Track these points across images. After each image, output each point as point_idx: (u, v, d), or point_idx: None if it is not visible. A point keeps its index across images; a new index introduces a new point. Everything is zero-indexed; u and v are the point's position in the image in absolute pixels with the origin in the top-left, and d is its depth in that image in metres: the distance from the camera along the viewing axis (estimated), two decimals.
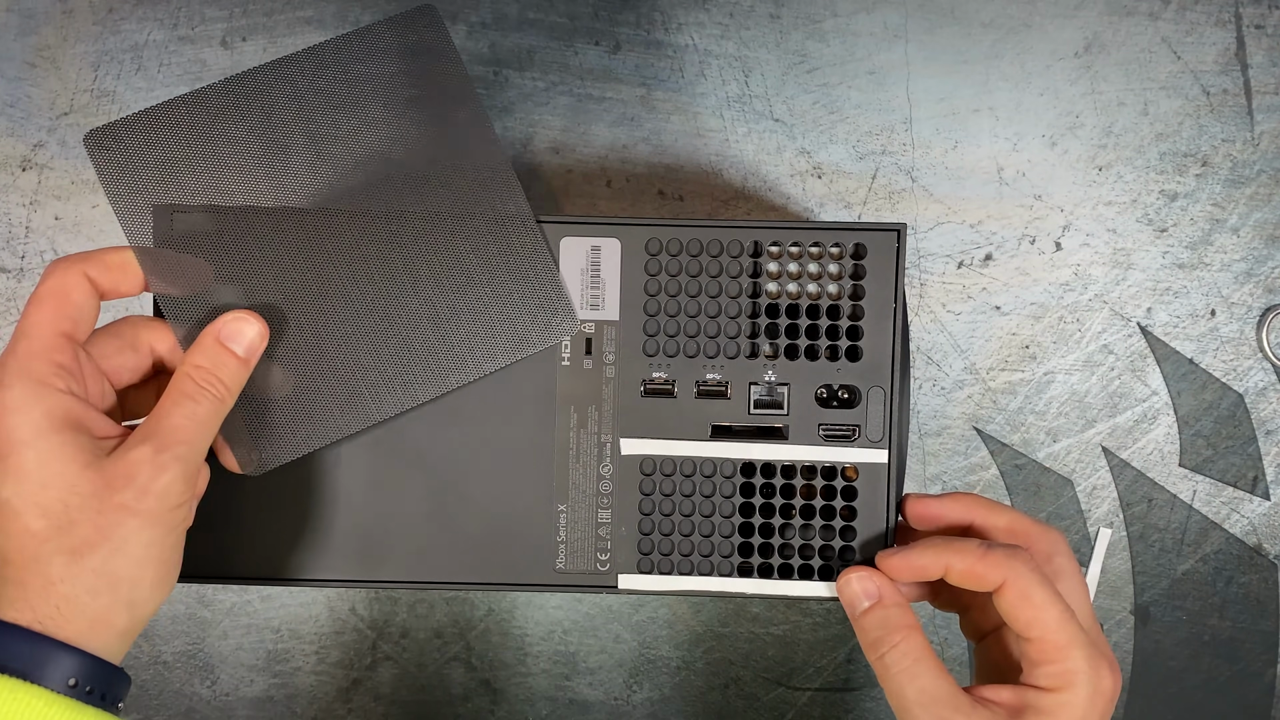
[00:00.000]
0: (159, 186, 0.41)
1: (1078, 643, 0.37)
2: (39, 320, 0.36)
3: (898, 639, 0.38)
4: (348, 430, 0.42)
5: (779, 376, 0.42)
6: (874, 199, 0.51)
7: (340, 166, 0.42)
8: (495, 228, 0.42)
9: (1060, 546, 0.40)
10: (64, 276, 0.37)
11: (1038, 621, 0.37)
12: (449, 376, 0.42)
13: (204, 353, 0.38)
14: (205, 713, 0.53)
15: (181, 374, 0.37)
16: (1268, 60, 0.52)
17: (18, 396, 0.34)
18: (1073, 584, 0.39)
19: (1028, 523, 0.40)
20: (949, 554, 0.38)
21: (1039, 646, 0.37)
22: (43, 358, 0.35)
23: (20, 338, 0.36)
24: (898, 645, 0.38)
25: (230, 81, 0.41)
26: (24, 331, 0.36)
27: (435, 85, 0.42)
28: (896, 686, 0.38)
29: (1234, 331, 0.52)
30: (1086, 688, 0.37)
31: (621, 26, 0.51)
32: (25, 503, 0.34)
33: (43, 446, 0.34)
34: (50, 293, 0.36)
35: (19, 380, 0.35)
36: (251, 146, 0.41)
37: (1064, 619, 0.37)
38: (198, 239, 0.41)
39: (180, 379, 0.37)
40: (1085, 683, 0.37)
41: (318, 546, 0.43)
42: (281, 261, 0.41)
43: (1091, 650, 0.37)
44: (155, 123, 0.41)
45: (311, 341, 0.41)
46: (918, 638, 0.38)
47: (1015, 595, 0.37)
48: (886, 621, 0.39)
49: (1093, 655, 0.37)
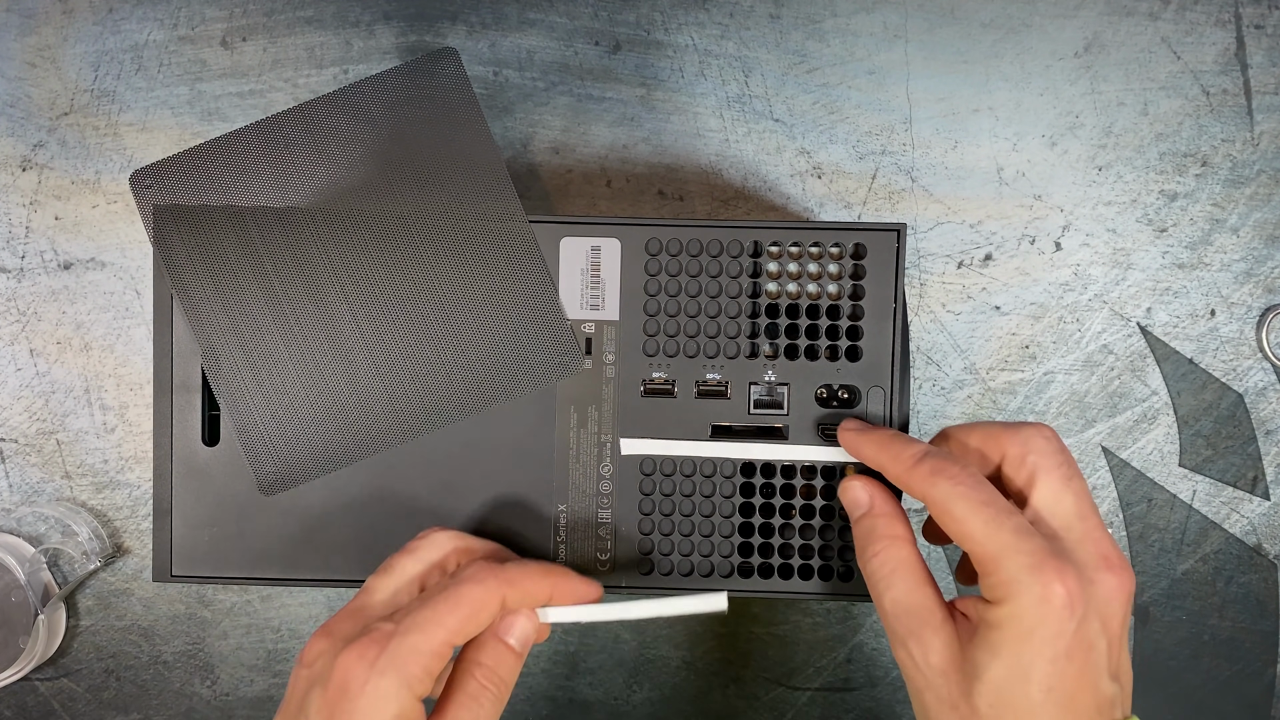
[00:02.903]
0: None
1: (1009, 551, 0.35)
2: (443, 622, 0.36)
3: (879, 548, 0.38)
4: (355, 459, 0.42)
5: (779, 376, 0.42)
6: (874, 199, 0.51)
7: (351, 209, 0.42)
8: (505, 272, 0.42)
9: (1035, 444, 0.37)
10: (487, 594, 0.37)
11: (964, 536, 0.36)
12: (455, 411, 0.42)
13: (487, 651, 0.38)
14: (205, 713, 0.53)
15: (466, 673, 0.37)
16: (1268, 60, 0.52)
17: (386, 689, 0.35)
18: (1050, 482, 0.37)
19: (998, 429, 0.38)
20: (885, 455, 0.38)
21: (976, 559, 0.36)
22: (426, 664, 0.35)
23: (415, 630, 0.35)
24: (879, 554, 0.38)
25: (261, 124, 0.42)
26: (421, 625, 0.36)
27: (455, 139, 0.43)
28: (876, 594, 0.38)
29: (1234, 331, 0.52)
30: (1028, 596, 0.34)
31: (621, 26, 0.51)
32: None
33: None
34: (471, 603, 0.36)
35: (394, 673, 0.35)
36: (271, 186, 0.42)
37: (989, 529, 0.35)
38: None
39: (465, 678, 0.37)
40: (1025, 591, 0.34)
41: (318, 546, 0.43)
42: (297, 296, 0.42)
43: (1033, 557, 0.34)
44: (191, 162, 0.42)
45: (325, 375, 0.42)
46: (901, 548, 0.38)
47: (939, 512, 0.36)
48: (873, 530, 0.39)
49: (1034, 564, 0.34)
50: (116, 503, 0.52)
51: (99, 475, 0.52)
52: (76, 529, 0.51)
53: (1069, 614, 0.34)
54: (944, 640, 0.36)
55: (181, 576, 0.43)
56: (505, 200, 0.42)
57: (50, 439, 0.52)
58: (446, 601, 0.36)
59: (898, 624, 0.37)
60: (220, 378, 0.42)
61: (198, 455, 0.43)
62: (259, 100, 0.51)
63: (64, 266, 0.51)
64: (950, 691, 0.35)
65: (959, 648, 0.36)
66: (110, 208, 0.51)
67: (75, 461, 0.52)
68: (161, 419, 0.43)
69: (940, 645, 0.36)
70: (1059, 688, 0.34)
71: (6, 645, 0.50)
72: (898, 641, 0.37)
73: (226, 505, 0.43)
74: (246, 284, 0.42)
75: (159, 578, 0.43)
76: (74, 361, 0.51)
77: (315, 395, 0.42)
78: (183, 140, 0.51)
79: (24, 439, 0.52)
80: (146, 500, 0.52)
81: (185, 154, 0.42)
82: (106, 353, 0.51)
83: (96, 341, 0.51)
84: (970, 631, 0.36)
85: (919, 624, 0.36)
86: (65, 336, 0.51)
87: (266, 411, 0.42)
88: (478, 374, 0.42)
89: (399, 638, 0.35)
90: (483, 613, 0.37)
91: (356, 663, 0.35)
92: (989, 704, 0.35)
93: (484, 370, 0.42)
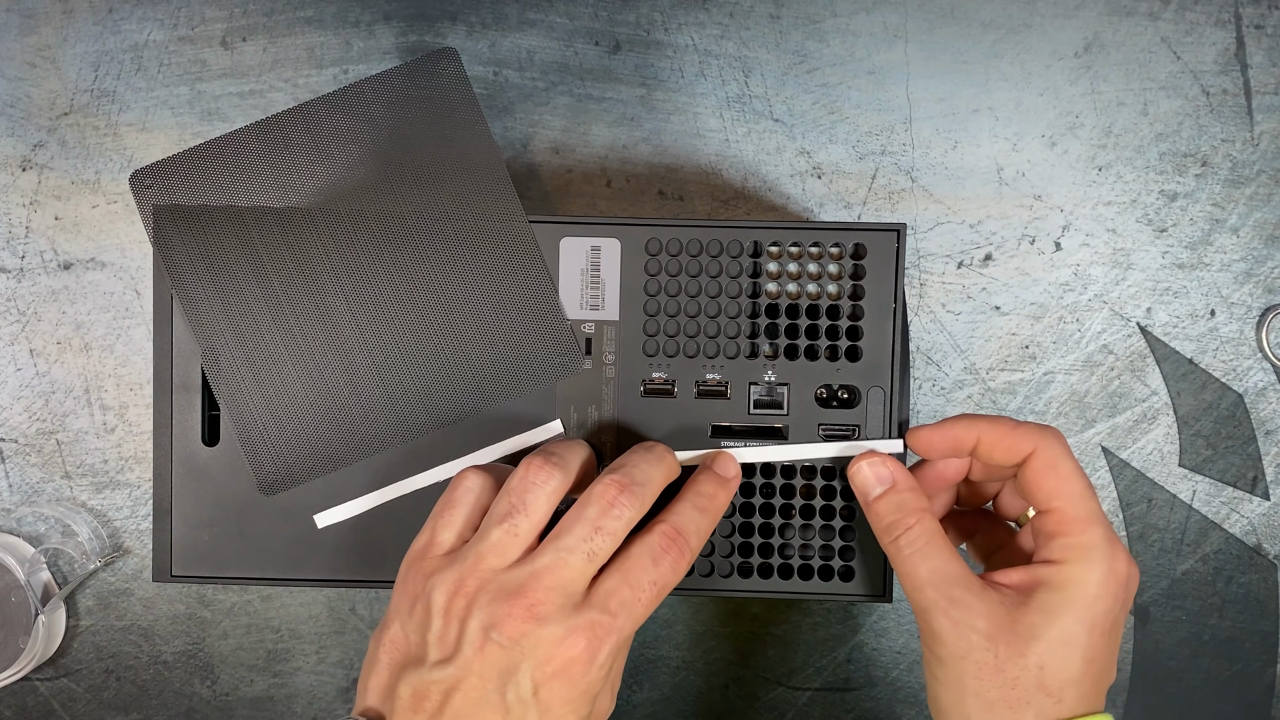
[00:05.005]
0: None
1: (1099, 520, 0.37)
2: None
3: (912, 521, 0.38)
4: (355, 459, 0.42)
5: (779, 376, 0.42)
6: (874, 199, 0.51)
7: (352, 208, 0.42)
8: (505, 272, 0.42)
9: (1057, 448, 0.39)
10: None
11: (1061, 491, 0.37)
12: (455, 411, 0.42)
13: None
14: (205, 713, 0.53)
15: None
16: (1268, 60, 0.52)
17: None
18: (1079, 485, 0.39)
19: (1021, 427, 0.40)
20: (981, 424, 0.39)
21: (1058, 518, 0.37)
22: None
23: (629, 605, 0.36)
24: (912, 528, 0.38)
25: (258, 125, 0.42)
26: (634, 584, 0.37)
27: (455, 139, 0.43)
28: (910, 568, 0.38)
29: (1234, 331, 0.52)
30: (1102, 565, 0.36)
31: (621, 26, 0.51)
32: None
33: None
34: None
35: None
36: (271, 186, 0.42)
37: (1088, 494, 0.37)
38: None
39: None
40: (1101, 560, 0.36)
41: (318, 546, 0.43)
42: (296, 298, 0.42)
43: (1111, 533, 0.37)
44: (191, 163, 0.42)
45: (325, 375, 0.42)
46: (931, 521, 0.38)
47: (1043, 464, 0.37)
48: (902, 505, 0.39)
49: (1111, 537, 0.37)
50: (116, 503, 0.52)
51: (99, 475, 0.52)
52: (76, 529, 0.51)
53: (1125, 592, 0.37)
54: (990, 606, 0.36)
55: (181, 576, 0.43)
56: (505, 200, 0.42)
57: (50, 439, 0.52)
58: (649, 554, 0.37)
59: (938, 593, 0.37)
60: (220, 378, 0.42)
61: (198, 455, 0.43)
62: (259, 100, 0.51)
63: (64, 266, 0.51)
64: (997, 655, 0.36)
65: (1006, 613, 0.36)
66: (110, 208, 0.51)
67: (75, 461, 0.52)
68: (161, 419, 0.43)
69: (986, 610, 0.36)
70: (1097, 660, 0.36)
71: (6, 645, 0.50)
72: (938, 611, 0.37)
73: (226, 505, 0.43)
74: (246, 284, 0.42)
75: (159, 578, 0.43)
76: (74, 361, 0.51)
77: (315, 395, 0.42)
78: (183, 140, 0.51)
79: (24, 439, 0.52)
80: (146, 500, 0.52)
81: (185, 154, 0.42)
82: (106, 353, 0.51)
83: (96, 341, 0.51)
84: (1017, 598, 0.37)
85: (963, 591, 0.37)
86: (65, 336, 0.51)
87: (266, 411, 0.42)
88: (478, 374, 0.42)
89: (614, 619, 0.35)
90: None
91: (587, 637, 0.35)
92: (1039, 665, 0.36)
93: (484, 370, 0.42)
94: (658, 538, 0.37)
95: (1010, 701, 0.36)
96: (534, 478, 0.37)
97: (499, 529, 0.36)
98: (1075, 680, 0.36)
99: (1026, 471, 0.38)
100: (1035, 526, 0.38)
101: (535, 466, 0.37)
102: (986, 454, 0.39)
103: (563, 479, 0.37)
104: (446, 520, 0.37)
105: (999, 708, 0.36)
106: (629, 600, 0.35)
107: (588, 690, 0.35)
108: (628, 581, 0.36)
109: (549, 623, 0.34)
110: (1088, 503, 0.37)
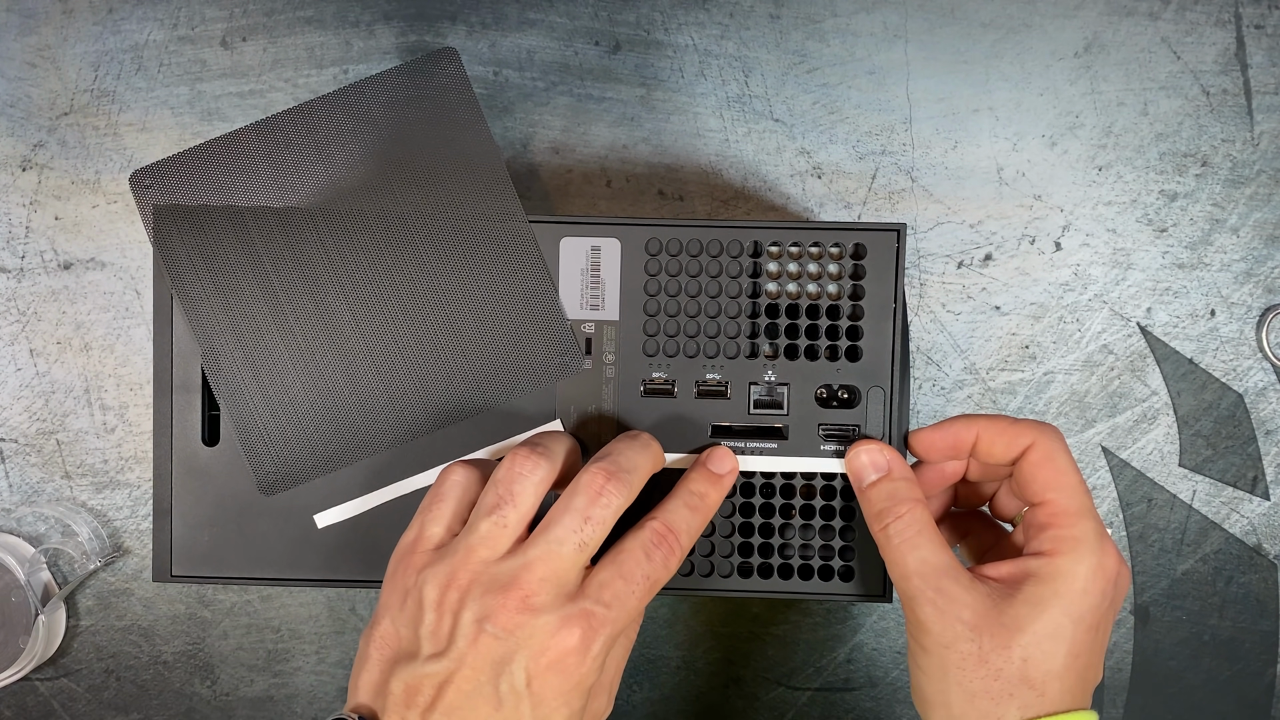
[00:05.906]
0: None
1: (1091, 515, 0.37)
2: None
3: (903, 510, 0.38)
4: (355, 459, 0.42)
5: (779, 376, 0.42)
6: (874, 199, 0.51)
7: (352, 209, 0.42)
8: (505, 272, 0.42)
9: (1056, 444, 0.40)
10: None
11: (1055, 484, 0.37)
12: (455, 411, 0.42)
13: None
14: (205, 713, 0.53)
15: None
16: (1268, 60, 0.52)
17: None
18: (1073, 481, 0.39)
19: (1020, 424, 0.40)
20: (980, 421, 0.39)
21: (1050, 510, 0.37)
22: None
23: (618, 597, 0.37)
24: (903, 516, 0.38)
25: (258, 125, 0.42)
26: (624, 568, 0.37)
27: (455, 139, 0.43)
28: (898, 556, 0.38)
29: (1234, 331, 0.52)
30: (1091, 559, 0.36)
31: (621, 26, 0.51)
32: None
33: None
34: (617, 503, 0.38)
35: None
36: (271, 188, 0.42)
37: (1081, 489, 0.37)
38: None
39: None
40: (1090, 553, 0.36)
41: (318, 546, 0.43)
42: (294, 297, 0.42)
43: (1103, 530, 0.37)
44: (191, 163, 0.42)
45: (325, 375, 0.42)
46: (922, 511, 0.38)
47: (1040, 456, 0.38)
48: (894, 493, 0.39)
49: (1102, 533, 0.37)
50: (116, 503, 0.52)
51: (99, 475, 0.52)
52: (76, 529, 0.51)
53: (1113, 589, 0.37)
54: (976, 597, 0.36)
55: (181, 576, 0.43)
56: (505, 200, 0.42)
57: (50, 439, 0.52)
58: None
59: (925, 583, 0.37)
60: (220, 378, 0.42)
61: (198, 455, 0.43)
62: (259, 100, 0.51)
63: (64, 266, 0.51)
64: (981, 646, 0.36)
65: (992, 604, 0.36)
66: (110, 208, 0.51)
67: (75, 461, 0.52)
68: (161, 419, 0.43)
69: (972, 601, 0.36)
70: (1082, 655, 0.36)
71: (6, 645, 0.50)
72: (924, 601, 0.37)
73: (226, 505, 0.43)
74: (246, 284, 0.42)
75: (159, 578, 0.43)
76: (74, 361, 0.51)
77: (315, 395, 0.42)
78: (183, 140, 0.51)
79: (24, 439, 0.52)
80: (146, 500, 0.52)
81: (185, 154, 0.42)
82: (106, 353, 0.51)
83: (96, 341, 0.51)
84: (1005, 590, 0.37)
85: (949, 582, 0.37)
86: (65, 336, 0.51)
87: (266, 411, 0.42)
88: (478, 374, 0.42)
89: (606, 611, 0.36)
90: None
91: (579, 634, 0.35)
92: (1023, 657, 0.36)
93: (484, 370, 0.42)
94: (649, 533, 0.37)
95: (993, 693, 0.36)
96: (520, 469, 0.37)
97: (487, 521, 0.36)
98: (1059, 674, 0.36)
99: (1023, 464, 0.38)
100: (1027, 520, 0.39)
101: (521, 457, 0.37)
102: (986, 449, 0.39)
103: (549, 469, 0.37)
104: (434, 514, 0.37)
105: (981, 699, 0.36)
106: (623, 593, 0.35)
107: (580, 683, 0.35)
108: (621, 574, 0.36)
109: (543, 613, 0.34)
110: (1081, 497, 0.37)
